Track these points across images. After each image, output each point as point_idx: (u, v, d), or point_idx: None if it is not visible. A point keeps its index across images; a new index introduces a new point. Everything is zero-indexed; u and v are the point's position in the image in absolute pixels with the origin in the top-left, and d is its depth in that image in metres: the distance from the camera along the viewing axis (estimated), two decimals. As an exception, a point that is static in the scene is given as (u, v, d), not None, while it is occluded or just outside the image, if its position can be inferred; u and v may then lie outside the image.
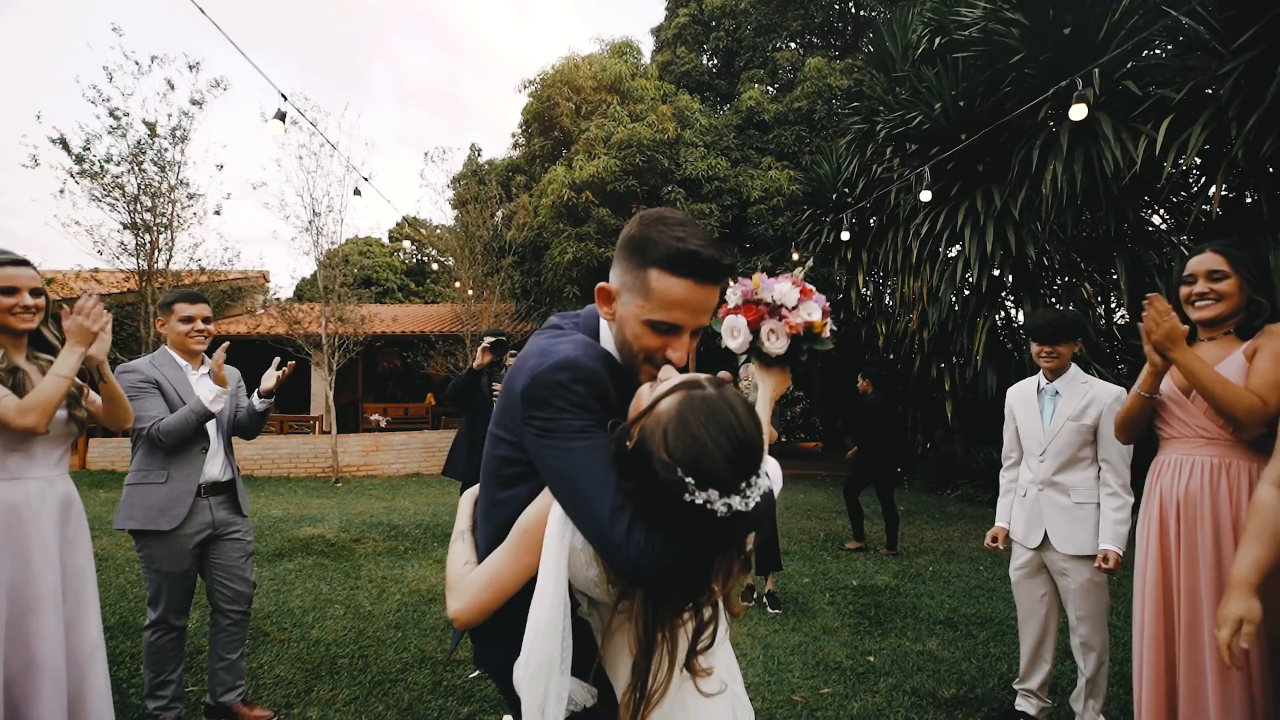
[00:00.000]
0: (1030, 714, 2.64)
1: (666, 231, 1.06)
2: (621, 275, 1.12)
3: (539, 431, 1.06)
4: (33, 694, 1.77)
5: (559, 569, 1.04)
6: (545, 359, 1.07)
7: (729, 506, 0.90)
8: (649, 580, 1.01)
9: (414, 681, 3.03)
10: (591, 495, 0.99)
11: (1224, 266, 1.81)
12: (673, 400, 0.96)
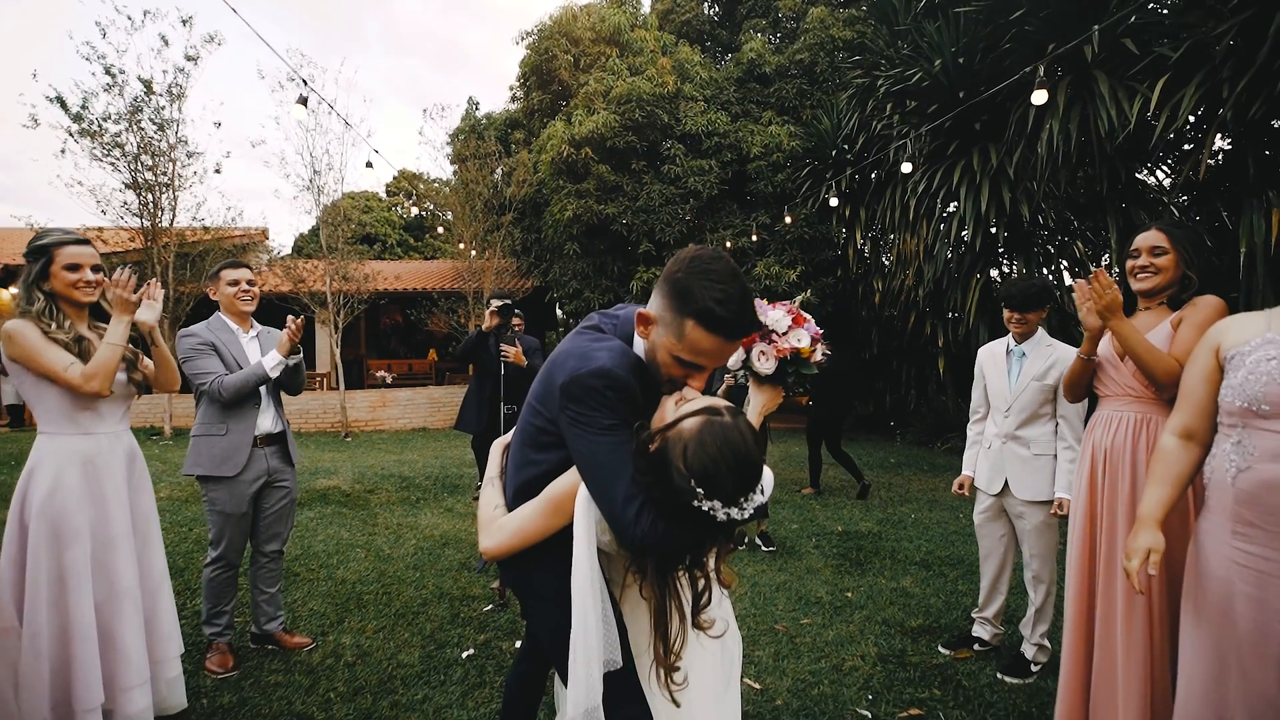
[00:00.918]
0: (985, 639, 2.97)
1: (709, 290, 1.23)
2: (661, 311, 1.30)
3: (572, 421, 1.29)
4: (118, 616, 2.07)
5: (589, 534, 1.30)
6: (585, 364, 1.29)
7: (728, 515, 1.15)
8: (649, 553, 1.27)
9: (434, 614, 3.36)
10: (610, 482, 1.23)
11: (1164, 243, 2.01)
12: (695, 423, 1.19)
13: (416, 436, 11.22)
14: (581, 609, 1.29)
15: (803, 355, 1.47)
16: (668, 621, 1.33)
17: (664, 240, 11.74)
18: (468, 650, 2.93)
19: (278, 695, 2.52)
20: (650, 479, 1.19)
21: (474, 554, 4.35)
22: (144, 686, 2.13)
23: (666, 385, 1.35)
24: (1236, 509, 1.51)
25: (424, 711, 2.42)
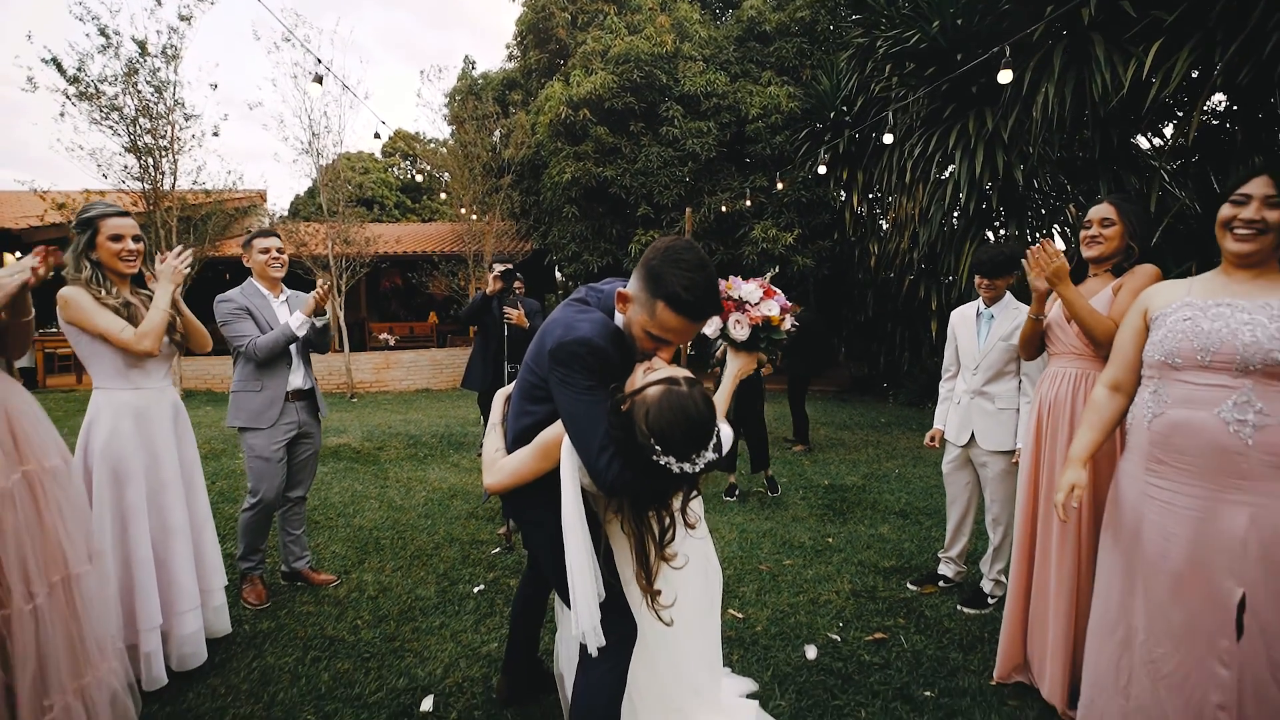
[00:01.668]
0: (949, 576, 3.27)
1: (679, 277, 1.44)
2: (637, 292, 1.52)
3: (559, 381, 1.52)
4: (170, 550, 2.33)
5: (573, 477, 1.55)
6: (570, 332, 1.52)
7: (682, 469, 1.38)
8: (618, 495, 1.52)
9: (446, 555, 3.66)
10: (587, 433, 1.47)
11: (1113, 215, 2.21)
12: (656, 390, 1.41)
13: (420, 397, 11.50)
14: (572, 542, 1.54)
15: (773, 323, 1.69)
16: (647, 553, 1.58)
17: (662, 203, 11.79)
18: (478, 586, 3.22)
19: (310, 622, 2.82)
20: (620, 433, 1.42)
21: (480, 504, 4.64)
22: (195, 611, 2.42)
23: (640, 354, 1.58)
24: (1150, 449, 1.75)
25: (441, 635, 2.72)
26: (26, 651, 1.55)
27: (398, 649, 2.60)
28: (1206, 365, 1.62)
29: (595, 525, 1.66)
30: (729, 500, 4.88)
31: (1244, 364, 1.56)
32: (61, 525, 1.66)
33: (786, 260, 11.17)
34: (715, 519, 4.40)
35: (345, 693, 2.29)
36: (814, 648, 2.65)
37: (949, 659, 2.59)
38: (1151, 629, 1.73)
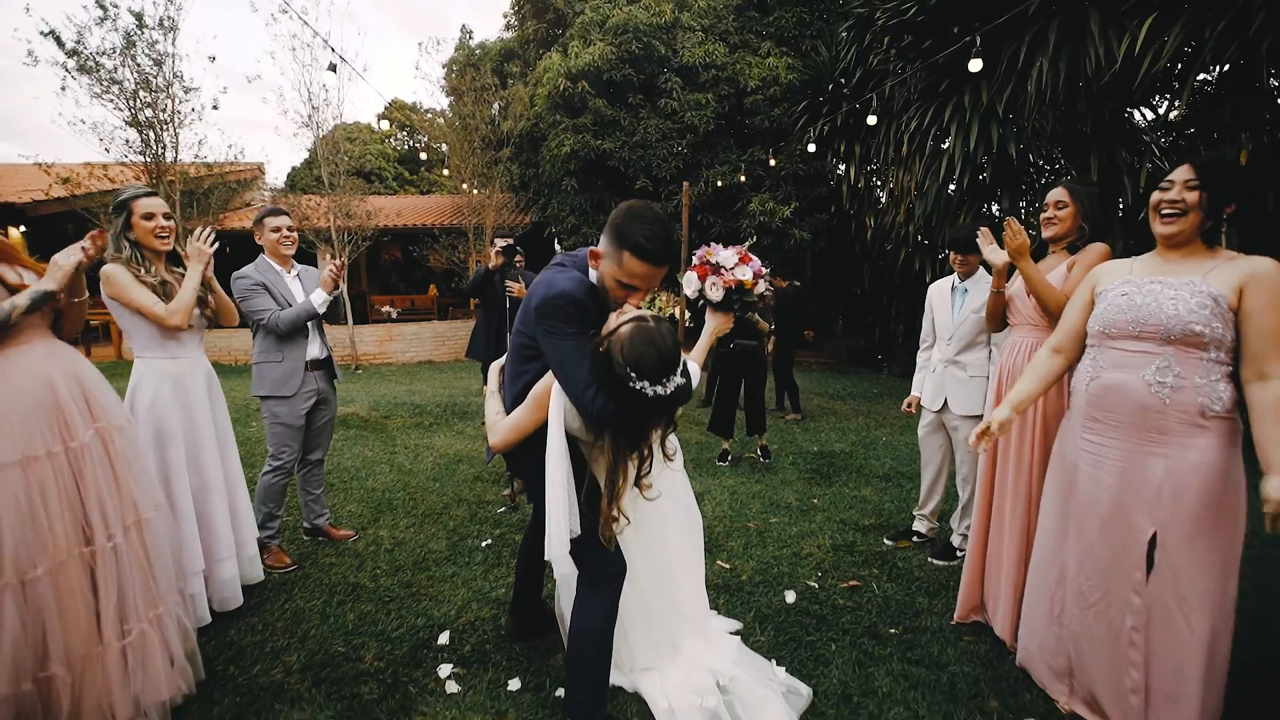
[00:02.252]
0: (922, 532, 3.52)
1: (639, 229, 1.68)
2: (606, 247, 1.75)
3: (545, 332, 1.74)
4: (208, 504, 2.57)
5: (559, 420, 1.77)
6: (551, 289, 1.74)
7: (654, 391, 1.59)
8: (606, 428, 1.72)
9: (455, 514, 3.91)
10: (573, 374, 1.69)
11: (1066, 198, 2.39)
12: (628, 327, 1.63)
13: (423, 369, 11.73)
14: (553, 478, 1.76)
15: (745, 286, 1.90)
16: (615, 483, 1.79)
17: (660, 176, 11.85)
18: (486, 540, 3.48)
19: (334, 571, 3.08)
20: (601, 370, 1.64)
21: (485, 468, 4.90)
22: (231, 559, 2.66)
23: (613, 304, 1.79)
24: (1087, 409, 1.97)
25: (454, 582, 2.98)
26: (109, 583, 1.79)
27: (415, 594, 2.86)
28: (1137, 335, 1.83)
29: (582, 467, 1.88)
30: (722, 465, 5.13)
31: (1166, 334, 1.76)
32: (130, 476, 1.89)
33: (783, 233, 11.28)
34: (708, 482, 4.65)
35: (370, 629, 2.56)
36: (793, 593, 2.91)
37: (915, 603, 2.85)
38: (1081, 566, 1.98)
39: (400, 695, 2.13)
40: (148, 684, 1.89)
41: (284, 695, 2.12)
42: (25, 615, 1.67)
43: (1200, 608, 1.72)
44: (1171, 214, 1.82)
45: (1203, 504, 1.69)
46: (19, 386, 1.71)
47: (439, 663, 2.32)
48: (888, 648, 2.48)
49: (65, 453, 1.77)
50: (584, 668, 1.86)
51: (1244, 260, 1.74)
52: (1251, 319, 1.66)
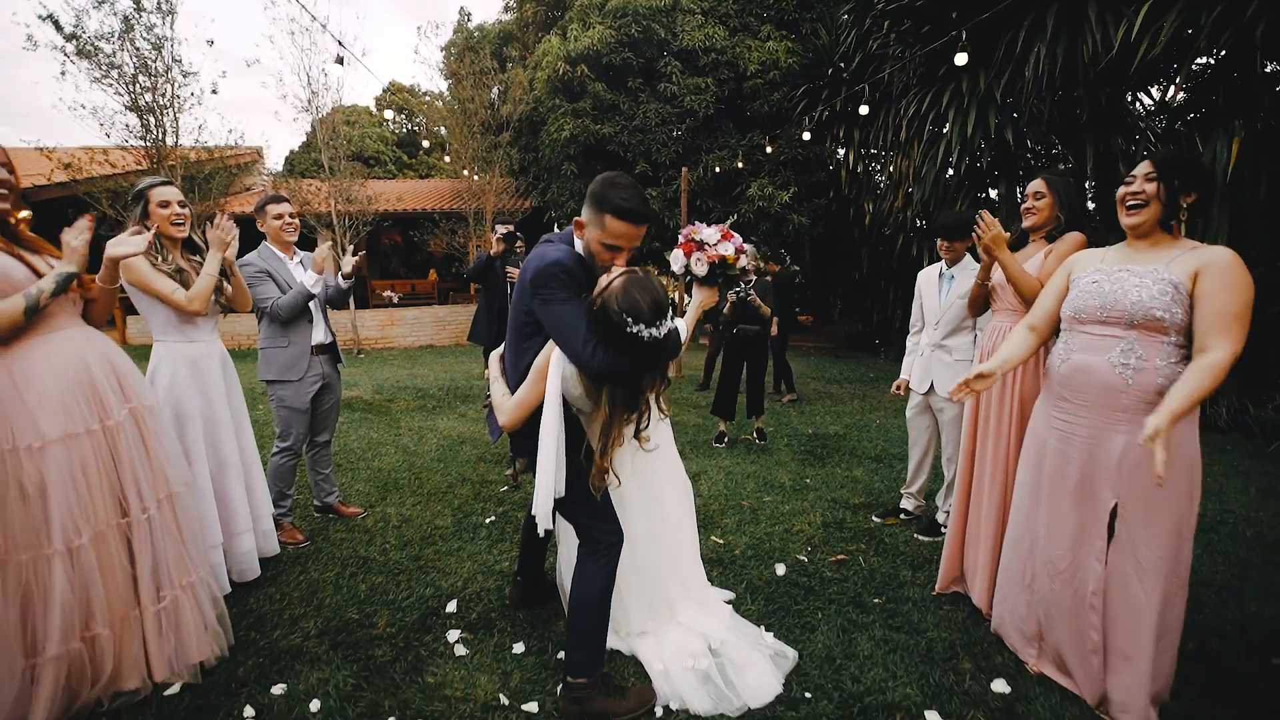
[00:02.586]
0: (909, 509, 3.66)
1: (617, 193, 1.83)
2: (589, 216, 1.89)
3: (541, 301, 1.86)
4: (226, 480, 2.70)
5: (556, 387, 1.88)
6: (542, 261, 1.86)
7: (649, 334, 1.71)
8: (606, 380, 1.84)
9: (459, 493, 4.05)
10: (571, 333, 1.81)
11: (1044, 189, 2.50)
12: (620, 280, 1.76)
13: (425, 353, 11.84)
14: (546, 439, 1.87)
15: (728, 261, 2.02)
16: (609, 437, 1.92)
17: (660, 161, 11.87)
18: (490, 517, 3.62)
19: (345, 546, 3.23)
20: (598, 323, 1.76)
21: (489, 450, 5.03)
22: (248, 533, 2.80)
23: (600, 270, 1.92)
24: (1058, 389, 2.09)
25: (460, 556, 3.12)
26: (144, 552, 1.93)
27: (423, 566, 3.01)
28: (1104, 320, 1.94)
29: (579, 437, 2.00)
30: (718, 447, 5.27)
31: (1130, 319, 1.88)
32: (161, 452, 2.02)
33: (782, 218, 11.33)
34: (705, 462, 4.79)
35: (381, 598, 2.70)
36: (783, 566, 3.06)
37: (899, 575, 2.99)
38: (1051, 536, 2.11)
39: (412, 657, 2.28)
40: (181, 646, 2.04)
41: (304, 657, 2.26)
42: (73, 580, 1.81)
43: (1155, 574, 1.85)
44: (1135, 205, 1.92)
45: (1159, 477, 1.81)
46: (58, 369, 1.82)
47: (447, 629, 2.46)
48: (871, 616, 2.62)
49: (102, 430, 1.90)
50: (583, 631, 2.00)
51: (1205, 249, 1.85)
52: (1201, 301, 1.78)
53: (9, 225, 1.86)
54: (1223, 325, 1.73)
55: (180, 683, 2.05)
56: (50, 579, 1.80)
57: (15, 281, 1.77)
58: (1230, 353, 1.72)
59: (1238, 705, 2.09)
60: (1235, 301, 1.73)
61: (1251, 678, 2.23)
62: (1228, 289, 1.74)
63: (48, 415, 1.78)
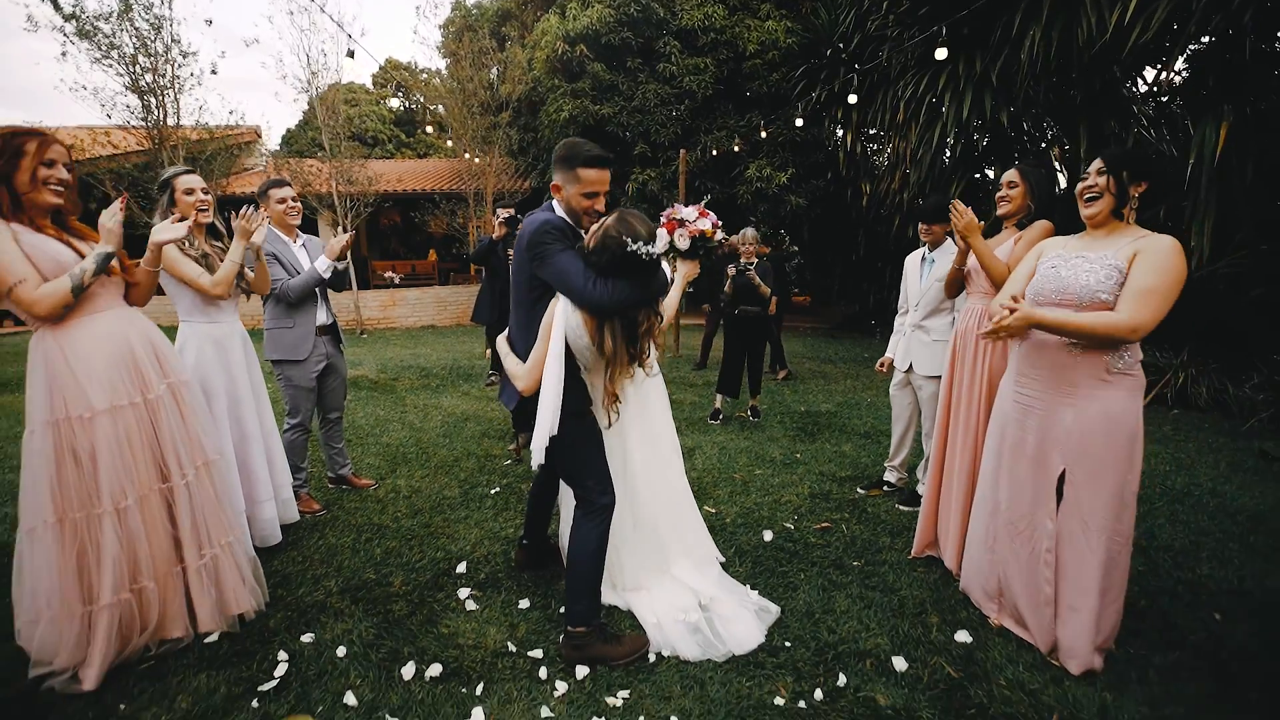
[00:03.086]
0: (891, 481, 3.87)
1: (581, 148, 2.13)
2: (562, 176, 2.13)
3: (539, 258, 2.08)
4: (249, 453, 2.89)
5: (560, 335, 2.07)
6: (533, 225, 2.10)
7: (647, 252, 1.91)
8: (609, 310, 2.03)
9: (465, 466, 4.26)
10: (573, 277, 2.02)
11: (1017, 179, 2.65)
12: (612, 217, 1.99)
13: (426, 333, 12.01)
14: (549, 380, 2.05)
15: (707, 235, 2.22)
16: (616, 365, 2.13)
17: (659, 142, 11.92)
18: (495, 488, 3.83)
19: (359, 514, 3.43)
20: (597, 256, 1.98)
21: (492, 426, 5.23)
22: (270, 502, 3.00)
23: (586, 223, 2.16)
24: (1020, 365, 2.28)
25: (467, 523, 3.33)
26: (185, 514, 2.12)
27: (433, 532, 3.22)
28: (1058, 302, 2.12)
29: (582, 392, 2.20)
30: (713, 423, 5.47)
31: (1080, 301, 2.05)
32: (197, 424, 2.21)
33: (780, 199, 11.42)
34: (700, 438, 4.99)
35: (396, 561, 2.91)
36: (770, 533, 3.27)
37: (879, 541, 3.20)
38: (1011, 500, 2.31)
39: (427, 611, 2.49)
40: (221, 599, 2.25)
41: (328, 611, 2.47)
42: (121, 537, 2.00)
43: (1099, 532, 2.05)
44: (1091, 197, 2.09)
45: (1104, 446, 2.01)
46: (104, 346, 2.00)
47: (458, 587, 2.68)
48: (849, 577, 2.84)
49: (144, 403, 2.08)
50: (580, 583, 2.20)
51: (1150, 236, 2.02)
52: (1130, 277, 1.95)
53: (62, 216, 2.02)
54: (1138, 296, 1.91)
55: (219, 632, 2.26)
56: (101, 536, 1.99)
57: (64, 265, 1.93)
58: (1132, 320, 1.90)
59: (1177, 652, 2.30)
60: (1158, 280, 1.90)
61: (1192, 631, 2.45)
62: (1154, 269, 1.91)
63: (95, 389, 1.96)
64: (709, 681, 2.12)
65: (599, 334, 2.07)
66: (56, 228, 1.99)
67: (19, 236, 1.87)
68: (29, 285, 1.86)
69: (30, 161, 1.89)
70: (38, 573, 1.95)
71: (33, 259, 1.88)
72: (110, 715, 1.89)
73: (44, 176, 1.92)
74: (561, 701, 2.01)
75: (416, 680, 2.08)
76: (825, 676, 2.15)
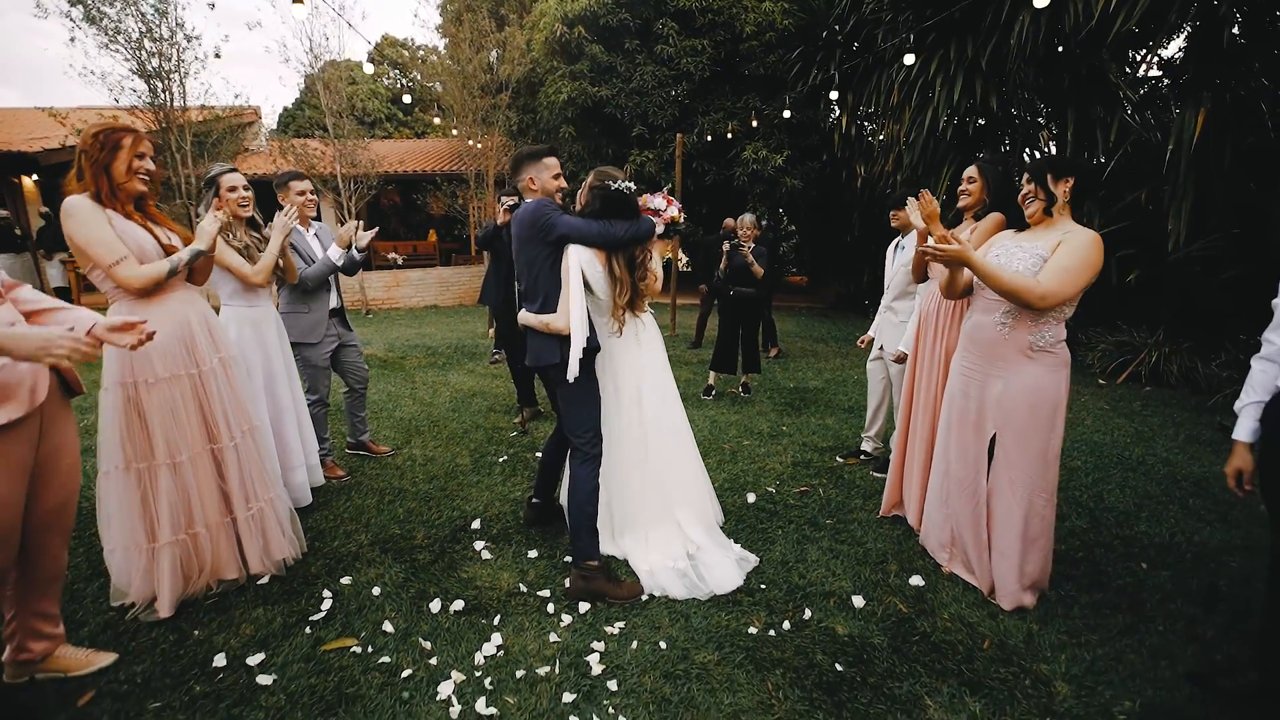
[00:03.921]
0: (868, 450, 4.20)
1: (535, 148, 2.64)
2: (533, 169, 2.62)
3: (549, 226, 2.49)
4: (283, 424, 3.21)
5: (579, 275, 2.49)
6: (527, 210, 2.54)
7: (625, 186, 2.41)
8: (615, 243, 2.52)
9: (474, 437, 4.59)
10: (581, 225, 2.48)
11: (976, 175, 2.93)
12: (591, 175, 2.50)
13: (430, 313, 12.30)
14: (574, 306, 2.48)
15: (675, 219, 2.68)
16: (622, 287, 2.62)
17: (656, 124, 12.08)
18: (503, 457, 4.17)
19: (380, 479, 3.77)
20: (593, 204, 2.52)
21: (498, 401, 5.55)
22: (302, 468, 3.33)
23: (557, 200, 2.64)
24: (965, 343, 2.59)
25: (479, 487, 3.67)
26: (234, 473, 2.46)
27: (449, 494, 3.56)
28: (997, 285, 2.42)
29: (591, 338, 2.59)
30: (706, 399, 5.80)
31: (1014, 283, 2.35)
32: (243, 394, 2.53)
33: (775, 181, 11.62)
34: (692, 413, 5.30)
35: (417, 518, 3.25)
36: (754, 495, 3.61)
37: (851, 503, 3.54)
38: (960, 460, 2.63)
39: (447, 560, 2.84)
40: (268, 545, 2.59)
41: (361, 559, 2.82)
42: (175, 486, 2.33)
43: (1023, 488, 2.38)
44: (1028, 200, 2.38)
45: (1027, 413, 2.33)
46: (168, 322, 2.30)
47: (474, 540, 3.02)
48: (822, 533, 3.18)
49: (198, 374, 2.39)
50: (580, 518, 2.60)
51: (1076, 230, 2.31)
52: (1051, 259, 2.26)
53: (143, 201, 2.32)
54: (1052, 272, 2.22)
55: (269, 574, 2.60)
56: (158, 485, 2.31)
57: (144, 247, 2.24)
58: (1042, 288, 2.21)
59: (1102, 593, 2.65)
60: (1071, 262, 2.21)
61: (1119, 577, 2.79)
62: (1071, 253, 2.22)
63: (158, 359, 2.27)
64: (693, 615, 2.47)
65: (609, 264, 2.59)
66: (142, 216, 2.29)
67: (112, 220, 2.17)
68: (129, 263, 2.19)
69: (127, 154, 2.19)
70: (111, 510, 2.31)
71: (123, 240, 2.19)
72: (186, 639, 2.24)
73: (136, 167, 2.22)
74: (567, 630, 2.35)
75: (443, 613, 2.43)
76: (793, 611, 2.50)
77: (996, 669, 2.18)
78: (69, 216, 2.12)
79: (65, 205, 2.13)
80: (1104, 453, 4.49)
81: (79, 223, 2.12)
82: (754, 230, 5.74)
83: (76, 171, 2.17)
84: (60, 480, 1.93)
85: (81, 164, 2.16)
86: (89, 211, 2.14)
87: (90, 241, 2.13)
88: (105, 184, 2.16)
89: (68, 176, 2.19)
